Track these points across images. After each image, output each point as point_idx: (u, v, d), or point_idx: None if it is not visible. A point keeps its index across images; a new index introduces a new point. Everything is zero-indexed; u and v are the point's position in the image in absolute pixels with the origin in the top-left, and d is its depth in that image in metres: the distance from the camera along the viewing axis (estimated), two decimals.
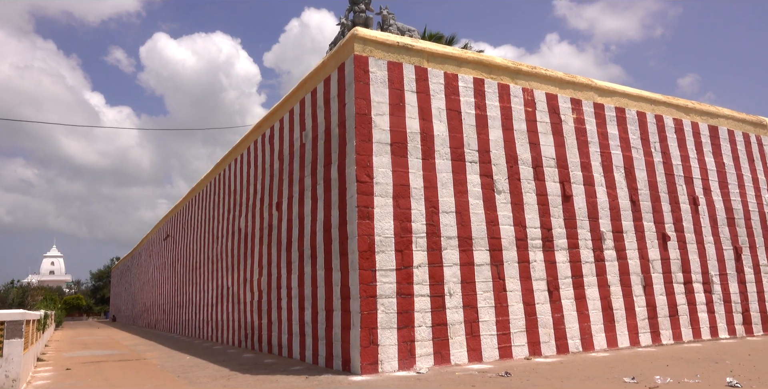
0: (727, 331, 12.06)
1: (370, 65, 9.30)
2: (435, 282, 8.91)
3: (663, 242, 11.73)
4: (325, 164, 9.88)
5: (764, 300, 12.89)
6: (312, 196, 10.30)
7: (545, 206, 10.40)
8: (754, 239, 13.27)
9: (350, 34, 9.43)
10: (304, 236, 10.49)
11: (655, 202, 11.93)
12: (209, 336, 17.26)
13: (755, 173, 13.99)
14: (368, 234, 8.56)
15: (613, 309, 10.62)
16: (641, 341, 10.77)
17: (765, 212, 13.76)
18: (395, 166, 9.09)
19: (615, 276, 10.84)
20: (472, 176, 9.77)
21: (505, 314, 9.41)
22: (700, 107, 13.54)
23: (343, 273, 8.82)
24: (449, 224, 9.31)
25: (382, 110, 9.22)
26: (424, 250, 8.96)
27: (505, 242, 9.77)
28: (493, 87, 10.52)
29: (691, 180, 12.71)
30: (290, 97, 11.73)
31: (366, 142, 8.93)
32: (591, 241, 10.75)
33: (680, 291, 11.64)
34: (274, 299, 11.75)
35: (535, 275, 9.91)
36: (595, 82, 11.96)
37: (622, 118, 12.07)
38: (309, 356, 9.84)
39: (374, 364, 8.07)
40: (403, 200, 9.00)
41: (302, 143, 10.94)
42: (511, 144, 10.39)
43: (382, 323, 8.29)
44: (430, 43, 10.22)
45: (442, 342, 8.72)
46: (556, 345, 9.78)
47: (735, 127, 14.07)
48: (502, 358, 9.15)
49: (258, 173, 13.52)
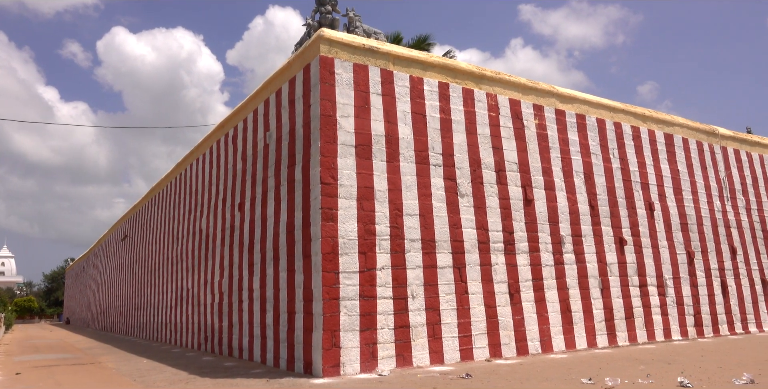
0: (679, 333, 12.43)
1: (335, 67, 9.28)
2: (398, 285, 8.94)
3: (620, 246, 12.02)
4: (289, 165, 9.81)
5: (714, 303, 13.34)
6: (275, 197, 10.22)
7: (507, 210, 10.55)
8: (705, 244, 13.72)
9: (316, 35, 9.40)
10: (267, 238, 10.39)
11: (613, 207, 12.23)
12: (167, 339, 16.91)
13: (707, 180, 14.48)
14: (332, 236, 8.53)
15: (571, 312, 10.84)
16: (598, 342, 11.01)
17: (716, 218, 14.25)
18: (360, 168, 9.09)
19: (574, 279, 11.07)
20: (436, 180, 9.84)
21: (467, 316, 9.50)
22: (656, 116, 13.95)
23: (306, 275, 8.77)
24: (413, 226, 9.35)
25: (348, 112, 9.22)
26: (388, 252, 8.98)
27: (468, 245, 9.86)
28: (457, 91, 10.63)
29: (647, 186, 13.07)
30: (254, 97, 11.61)
31: (331, 143, 8.90)
32: (551, 245, 10.95)
33: (636, 294, 11.95)
34: (236, 301, 11.59)
35: (496, 277, 10.03)
36: (557, 89, 12.20)
37: (582, 124, 12.34)
38: (270, 359, 9.74)
39: (336, 367, 8.04)
40: (368, 203, 9.00)
41: (266, 143, 10.84)
42: (474, 148, 10.51)
43: (345, 325, 8.27)
44: (396, 46, 10.26)
45: (405, 344, 8.75)
46: (516, 347, 9.91)
47: (689, 135, 14.54)
48: (463, 360, 9.23)
49: (220, 174, 13.33)
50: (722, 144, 15.30)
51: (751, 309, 14.10)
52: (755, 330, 13.98)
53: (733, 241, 14.40)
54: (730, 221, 14.53)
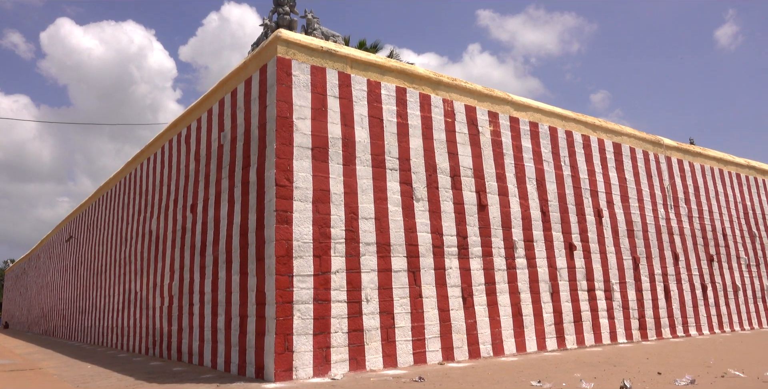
0: (625, 336, 12.82)
1: (293, 68, 9.23)
2: (352, 288, 8.92)
3: (570, 251, 12.33)
4: (243, 166, 9.68)
5: (657, 307, 13.82)
6: (229, 199, 10.06)
7: (461, 215, 10.68)
8: (650, 250, 14.20)
9: (273, 35, 9.32)
10: (220, 240, 10.21)
11: (564, 213, 12.53)
12: (114, 344, 16.40)
13: (653, 189, 15.01)
14: (286, 239, 8.45)
15: (522, 315, 11.04)
16: (548, 345, 11.25)
17: (660, 226, 14.78)
18: (316, 171, 9.04)
19: (525, 283, 11.28)
20: (392, 184, 9.88)
21: (421, 320, 9.56)
22: (605, 125, 14.39)
23: (259, 279, 8.66)
24: (368, 230, 9.36)
25: (304, 114, 9.17)
26: (343, 256, 8.96)
27: (422, 249, 9.93)
28: (414, 96, 10.71)
29: (596, 194, 13.46)
30: (209, 96, 11.42)
31: (286, 145, 8.83)
32: (504, 249, 11.14)
33: (584, 298, 12.27)
34: (186, 304, 11.34)
35: (450, 281, 10.13)
36: (512, 96, 12.45)
37: (535, 132, 12.61)
38: (221, 363, 9.56)
39: (288, 371, 7.96)
40: (323, 206, 8.96)
41: (220, 144, 10.67)
42: (430, 153, 10.60)
43: (298, 329, 8.20)
44: (354, 50, 10.27)
45: (358, 348, 8.73)
46: (469, 350, 10.03)
47: (636, 145, 15.05)
48: (416, 363, 9.28)
49: (172, 174, 13.04)
50: (667, 154, 15.89)
51: (691, 313, 14.67)
52: (695, 333, 14.55)
53: (676, 247, 14.96)
54: (673, 229, 15.10)
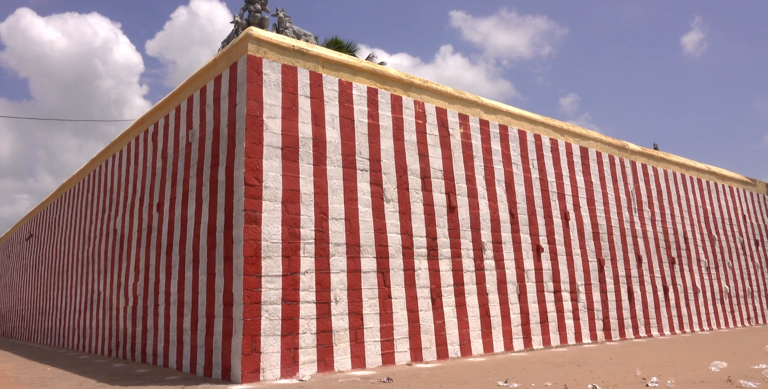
0: (589, 336, 13.04)
1: (263, 67, 9.15)
2: (321, 289, 8.88)
3: (537, 253, 12.49)
4: (212, 165, 9.55)
5: (621, 308, 14.10)
6: (197, 198, 9.91)
7: (431, 216, 10.72)
8: (615, 253, 14.49)
9: (244, 33, 9.22)
10: (187, 240, 10.05)
11: (531, 215, 12.69)
12: (75, 345, 16.00)
13: (618, 193, 15.32)
14: (255, 239, 8.37)
15: (490, 316, 11.14)
16: (515, 346, 11.37)
17: (625, 228, 15.09)
18: (285, 170, 8.98)
19: (493, 285, 11.39)
20: (362, 184, 9.87)
21: (390, 321, 9.56)
22: (573, 129, 14.63)
23: (227, 279, 8.55)
24: (338, 230, 9.33)
25: (275, 113, 9.09)
26: (312, 256, 8.91)
27: (392, 250, 9.94)
28: (386, 97, 10.72)
29: (564, 196, 13.67)
30: (177, 93, 11.24)
31: (256, 144, 8.75)
32: (472, 251, 11.22)
33: (550, 299, 12.44)
34: (151, 305, 11.13)
35: (419, 282, 10.17)
36: (482, 99, 12.56)
37: (504, 135, 12.75)
38: (186, 365, 9.41)
39: (256, 372, 7.87)
40: (293, 206, 8.90)
41: (188, 142, 10.51)
42: (401, 154, 10.62)
43: (266, 330, 8.12)
44: (326, 50, 10.24)
45: (327, 349, 8.69)
46: (437, 351, 10.07)
47: (602, 149, 15.34)
48: (385, 364, 9.28)
49: (138, 172, 12.79)
50: (632, 159, 16.24)
51: (653, 314, 15.01)
52: (657, 333, 14.89)
53: (639, 250, 15.29)
54: (636, 232, 15.43)
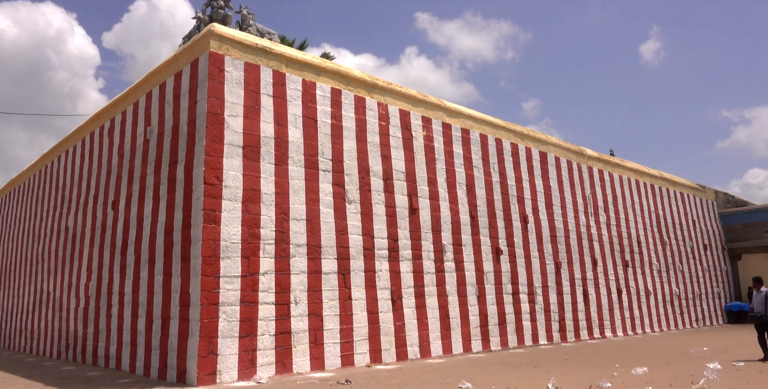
0: (546, 338, 13.26)
1: (225, 64, 9.00)
2: (281, 290, 8.78)
3: (496, 255, 12.64)
4: (170, 162, 9.34)
5: (577, 310, 14.39)
6: (154, 196, 9.68)
7: (393, 218, 10.73)
8: (571, 255, 14.78)
9: (206, 29, 9.07)
10: (143, 239, 9.80)
11: (492, 218, 12.84)
12: (22, 347, 15.41)
13: (575, 197, 15.64)
14: (213, 239, 8.22)
15: (449, 318, 11.21)
16: (473, 347, 11.47)
17: (581, 232, 15.42)
18: (246, 170, 8.85)
19: (453, 287, 11.47)
20: (324, 185, 9.81)
21: (350, 322, 9.52)
22: (533, 135, 14.87)
23: (184, 279, 8.37)
24: (299, 231, 9.24)
25: (236, 112, 8.96)
26: (272, 257, 8.80)
27: (353, 252, 9.91)
28: (349, 98, 10.69)
29: (523, 200, 13.88)
30: (136, 88, 10.96)
31: (217, 143, 8.60)
32: (433, 253, 11.28)
33: (509, 301, 12.61)
34: (104, 306, 10.80)
35: (380, 284, 10.16)
36: (445, 103, 12.65)
37: (466, 138, 12.87)
38: (140, 367, 9.16)
39: (212, 375, 7.72)
40: (253, 206, 8.78)
41: (146, 138, 10.26)
42: (364, 156, 10.60)
43: (223, 331, 7.98)
44: (290, 49, 10.15)
45: (285, 350, 8.60)
46: (396, 353, 10.08)
47: (561, 154, 15.64)
48: (344, 366, 9.23)
49: (93, 168, 12.41)
50: (589, 164, 16.61)
51: (607, 316, 15.37)
52: (610, 335, 15.25)
53: (594, 253, 15.64)
54: (592, 235, 15.78)
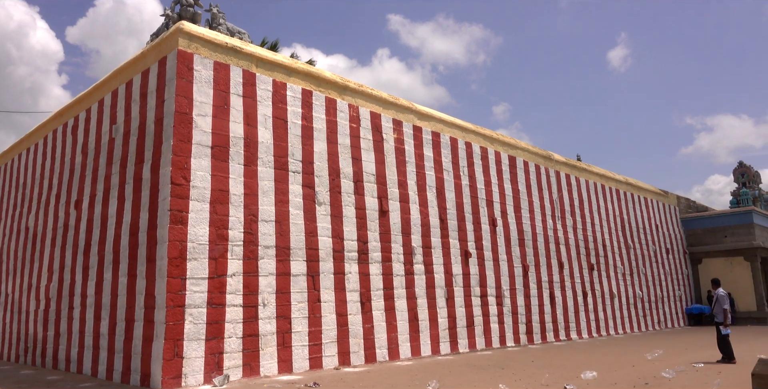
0: (513, 340, 13.39)
1: (194, 63, 8.88)
2: (249, 292, 8.68)
3: (465, 258, 12.72)
4: (136, 162, 9.16)
5: (543, 312, 14.57)
6: (119, 196, 9.47)
7: (363, 220, 10.72)
8: (539, 259, 14.97)
9: (175, 27, 8.93)
10: (107, 240, 9.58)
11: (461, 221, 12.93)
12: None
13: (543, 201, 15.85)
14: (180, 240, 8.08)
15: (418, 320, 11.23)
16: (441, 349, 11.51)
17: (548, 235, 15.63)
18: (215, 170, 8.74)
19: (422, 289, 11.50)
20: (294, 186, 9.74)
21: (318, 324, 9.46)
22: (503, 139, 15.03)
23: (149, 281, 8.20)
24: (268, 233, 9.15)
25: (205, 111, 8.84)
26: (240, 259, 8.69)
27: (323, 254, 9.86)
28: (320, 100, 10.65)
29: (492, 203, 14.01)
30: (101, 85, 10.73)
31: (184, 142, 8.47)
32: (403, 255, 11.29)
33: (477, 304, 12.70)
34: (65, 308, 10.52)
35: (349, 286, 10.12)
36: (416, 106, 12.70)
37: (437, 142, 12.94)
38: (102, 371, 8.94)
39: (177, 378, 7.58)
40: (221, 207, 8.67)
41: (111, 137, 10.04)
42: (334, 157, 10.57)
43: (189, 334, 7.84)
44: (261, 49, 10.07)
45: (253, 353, 8.49)
46: (365, 355, 10.05)
47: (530, 159, 15.84)
48: (312, 369, 9.16)
49: (55, 167, 12.10)
50: (556, 169, 16.86)
51: (573, 318, 15.61)
52: (576, 337, 15.49)
53: (561, 256, 15.87)
54: (559, 239, 16.02)
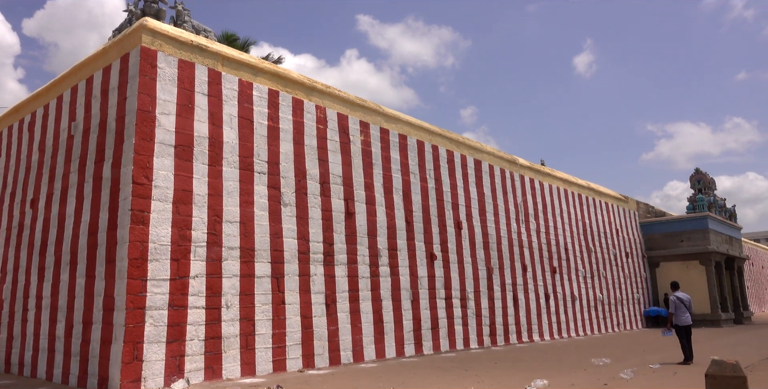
0: (477, 342, 13.49)
1: (158, 60, 8.71)
2: (212, 294, 8.53)
3: (430, 260, 12.77)
4: (96, 160, 8.92)
5: (507, 315, 14.73)
6: (77, 195, 9.21)
7: (329, 222, 10.66)
8: (503, 261, 15.14)
9: (138, 23, 8.75)
10: (64, 240, 9.30)
11: (426, 224, 12.98)
12: None
13: (507, 204, 16.04)
14: (141, 241, 7.90)
15: (383, 322, 11.22)
16: (406, 351, 11.52)
17: (512, 239, 15.82)
18: (178, 170, 8.57)
19: (387, 291, 11.49)
20: (259, 187, 9.63)
21: (283, 326, 9.36)
22: (469, 143, 15.17)
23: (108, 282, 7.99)
24: (232, 234, 9.02)
25: (168, 110, 8.67)
26: (204, 260, 8.54)
27: (288, 255, 9.77)
28: (287, 100, 10.57)
29: (457, 206, 14.11)
30: (60, 81, 10.43)
31: (147, 141, 8.29)
32: (368, 257, 11.27)
33: (441, 306, 12.75)
34: (19, 310, 10.16)
35: (314, 288, 10.05)
36: (383, 108, 12.72)
37: (404, 144, 12.98)
38: (58, 375, 8.66)
39: (136, 382, 7.39)
40: (184, 207, 8.51)
41: (71, 134, 9.77)
42: (300, 158, 10.49)
43: (150, 336, 7.66)
44: (226, 47, 9.94)
45: (215, 356, 8.34)
46: (330, 357, 9.98)
47: (495, 162, 16.02)
48: (276, 371, 9.05)
49: (10, 164, 11.70)
50: (521, 173, 17.09)
51: (535, 320, 15.81)
52: (538, 338, 15.69)
53: (525, 259, 16.08)
54: (523, 242, 16.23)
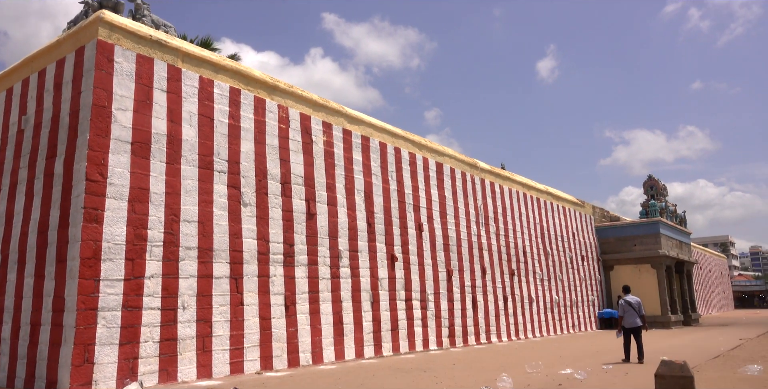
0: (436, 343, 13.54)
1: (115, 54, 8.48)
2: (168, 295, 8.32)
3: (391, 262, 12.77)
4: (48, 156, 8.61)
5: (466, 316, 14.84)
6: (27, 191, 8.87)
7: (290, 222, 10.55)
8: (462, 264, 15.25)
9: (95, 16, 8.50)
10: (12, 238, 8.94)
11: (388, 225, 12.98)
12: None
13: (468, 207, 16.19)
14: (94, 240, 7.65)
15: (343, 324, 11.14)
16: (365, 353, 11.47)
17: (472, 241, 15.96)
18: (134, 167, 8.35)
19: (348, 292, 11.43)
20: (219, 186, 9.46)
21: (240, 328, 9.20)
22: (431, 145, 15.26)
23: (59, 282, 7.70)
24: (190, 233, 8.83)
25: (125, 105, 8.45)
26: (160, 260, 8.33)
27: (247, 256, 9.61)
28: (249, 99, 10.43)
29: (419, 208, 14.16)
30: (10, 73, 10.04)
31: (102, 137, 8.05)
32: (329, 258, 11.19)
33: (401, 307, 12.76)
34: None
35: (273, 289, 9.91)
36: (346, 109, 12.68)
37: (366, 146, 12.96)
38: (3, 378, 8.30)
39: (87, 385, 7.14)
40: (140, 205, 8.28)
41: (21, 129, 9.41)
42: (261, 158, 10.36)
43: (102, 338, 7.42)
44: (187, 43, 9.75)
45: (170, 358, 8.13)
46: (288, 359, 9.86)
47: (456, 166, 16.16)
48: (233, 373, 8.88)
49: None
50: (481, 176, 17.28)
51: (494, 322, 15.98)
52: (496, 340, 15.86)
53: (484, 262, 16.24)
54: (483, 245, 16.39)
